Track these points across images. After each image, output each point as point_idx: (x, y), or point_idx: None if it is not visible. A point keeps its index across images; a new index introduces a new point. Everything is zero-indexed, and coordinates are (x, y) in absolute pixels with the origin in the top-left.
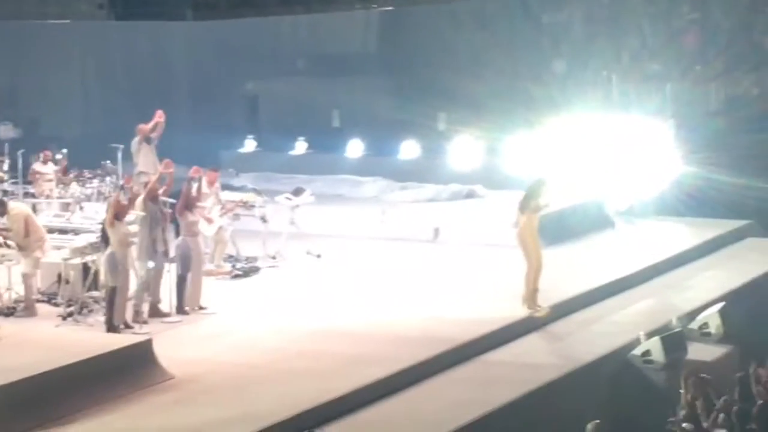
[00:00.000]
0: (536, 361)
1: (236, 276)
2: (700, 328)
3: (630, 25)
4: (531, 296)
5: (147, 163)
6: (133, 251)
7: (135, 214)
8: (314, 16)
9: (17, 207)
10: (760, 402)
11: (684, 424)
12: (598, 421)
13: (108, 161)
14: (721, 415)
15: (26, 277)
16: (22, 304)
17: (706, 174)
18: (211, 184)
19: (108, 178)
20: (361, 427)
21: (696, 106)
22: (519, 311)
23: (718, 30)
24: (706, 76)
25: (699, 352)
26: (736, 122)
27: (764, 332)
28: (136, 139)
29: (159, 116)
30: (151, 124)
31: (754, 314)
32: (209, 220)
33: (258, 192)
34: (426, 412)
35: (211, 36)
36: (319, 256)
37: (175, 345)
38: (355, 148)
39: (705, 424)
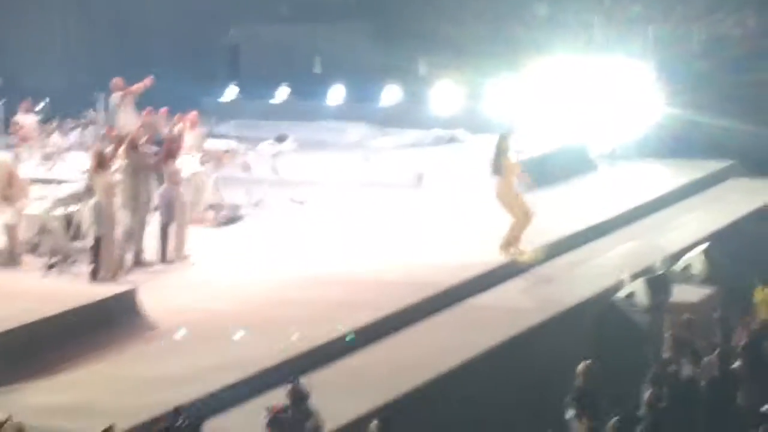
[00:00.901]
0: (521, 305)
1: (220, 224)
2: (684, 269)
3: None
4: (508, 243)
5: (128, 119)
6: (117, 200)
7: (117, 163)
8: None
9: None
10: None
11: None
12: (589, 361)
13: (90, 110)
14: (706, 359)
15: (10, 228)
16: (5, 255)
17: (689, 116)
18: (192, 126)
19: (90, 128)
20: (346, 373)
21: (678, 47)
22: (500, 256)
23: None
24: (688, 17)
25: (683, 293)
26: (718, 63)
27: (747, 273)
28: (117, 95)
29: (149, 81)
30: (138, 87)
31: (738, 255)
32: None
33: (240, 140)
34: (411, 357)
35: None
36: (302, 203)
37: (159, 294)
38: (336, 95)
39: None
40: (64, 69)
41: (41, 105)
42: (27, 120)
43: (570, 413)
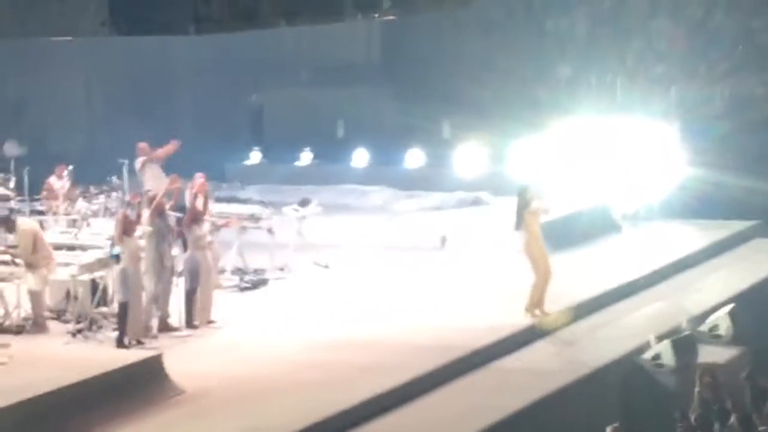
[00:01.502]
0: (547, 367)
1: (245, 289)
2: (711, 330)
3: (634, 27)
4: (533, 305)
5: (155, 181)
6: (142, 265)
7: (142, 229)
8: (317, 27)
9: (25, 223)
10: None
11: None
12: (617, 424)
13: (114, 177)
14: (733, 416)
15: (34, 295)
16: (30, 322)
17: (713, 176)
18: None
19: (114, 194)
20: None
21: (701, 108)
22: (526, 318)
23: (722, 31)
24: (711, 77)
25: (710, 354)
26: (741, 124)
27: None
28: (141, 160)
29: (174, 146)
30: (163, 152)
31: (764, 315)
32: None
33: (264, 204)
34: (438, 420)
35: (214, 49)
36: (327, 266)
37: (185, 359)
38: (360, 158)
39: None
40: (87, 134)
41: (65, 171)
42: (57, 185)
43: None
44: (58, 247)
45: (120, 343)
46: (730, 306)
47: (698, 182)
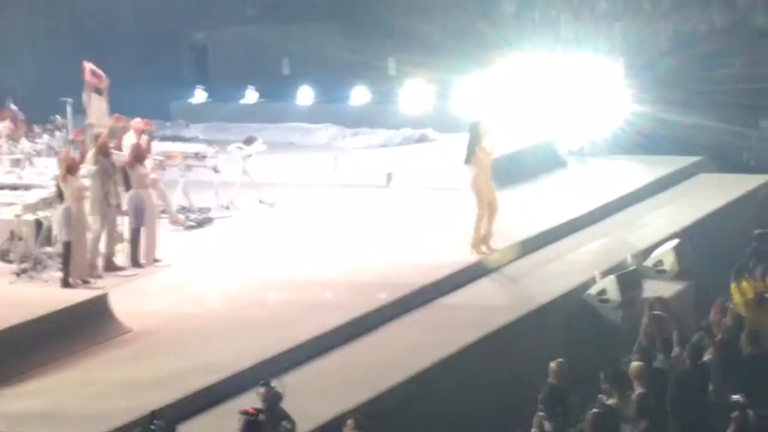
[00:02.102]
0: (493, 303)
1: (190, 227)
2: (655, 265)
3: None
4: (478, 241)
5: (98, 115)
6: (87, 205)
7: (86, 167)
8: None
9: None
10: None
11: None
12: (561, 359)
13: (58, 115)
14: (676, 349)
15: None
16: None
17: (657, 113)
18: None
19: (58, 133)
20: (321, 374)
21: (646, 44)
22: (472, 255)
23: None
24: (655, 14)
25: (655, 289)
26: (685, 60)
27: (719, 267)
28: (85, 92)
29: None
30: (89, 75)
31: (708, 249)
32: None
33: (209, 142)
34: (385, 357)
35: None
36: (272, 204)
37: (131, 298)
38: (305, 96)
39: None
40: (30, 74)
41: (8, 111)
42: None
43: (542, 411)
44: (1, 187)
45: (65, 283)
46: (675, 241)
47: (643, 118)
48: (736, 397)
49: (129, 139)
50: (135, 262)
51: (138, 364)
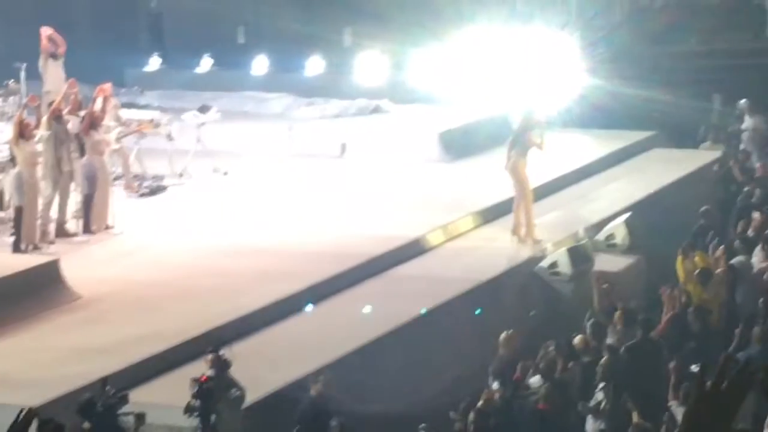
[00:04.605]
0: (445, 275)
1: (143, 195)
2: (607, 239)
3: None
4: (532, 229)
5: (54, 81)
6: (39, 170)
7: (40, 133)
8: None
9: None
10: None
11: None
12: (511, 330)
13: (11, 80)
14: (619, 327)
15: None
16: None
17: (611, 86)
18: (106, 97)
19: (11, 98)
20: (270, 343)
21: (600, 18)
22: (426, 226)
23: None
24: None
25: (606, 263)
26: (640, 34)
27: (669, 242)
28: (42, 58)
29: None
30: (45, 41)
31: (660, 224)
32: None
33: (163, 110)
34: (335, 327)
35: None
36: (226, 173)
37: (82, 265)
38: (260, 65)
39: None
40: None
41: None
42: None
43: (493, 382)
44: None
45: (16, 248)
46: (627, 215)
47: (597, 92)
48: (694, 367)
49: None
50: (87, 229)
51: (88, 330)
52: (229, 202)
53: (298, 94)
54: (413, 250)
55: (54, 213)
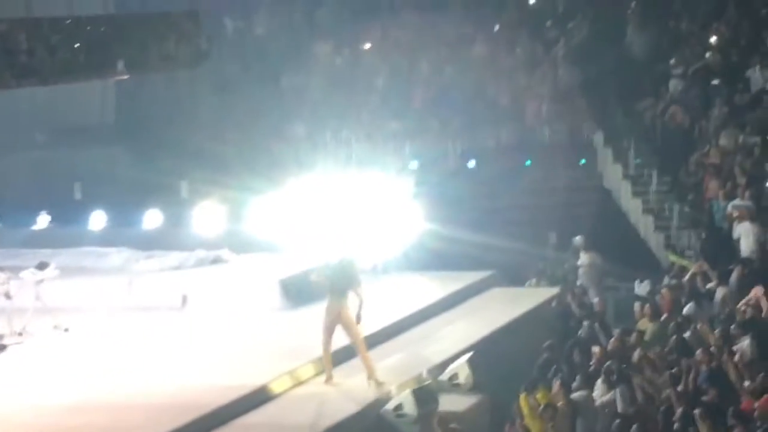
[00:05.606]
0: (291, 422)
1: None
2: (451, 379)
3: (368, 85)
4: (372, 372)
5: None
6: None
7: None
8: (51, 88)
9: None
10: None
11: None
12: None
13: None
14: None
15: None
16: None
17: (447, 231)
18: None
19: None
20: None
21: (435, 164)
22: (269, 374)
23: (453, 87)
24: (445, 133)
25: (451, 402)
26: (473, 179)
27: (512, 378)
28: None
29: None
30: None
31: (501, 363)
32: None
33: (1, 268)
34: None
35: None
36: (67, 329)
37: None
38: (98, 220)
39: None
40: None
41: None
42: None
43: None
44: None
45: None
46: (469, 354)
47: (434, 237)
48: None
49: None
50: None
51: None
52: (71, 359)
53: (136, 248)
54: (258, 398)
55: None
